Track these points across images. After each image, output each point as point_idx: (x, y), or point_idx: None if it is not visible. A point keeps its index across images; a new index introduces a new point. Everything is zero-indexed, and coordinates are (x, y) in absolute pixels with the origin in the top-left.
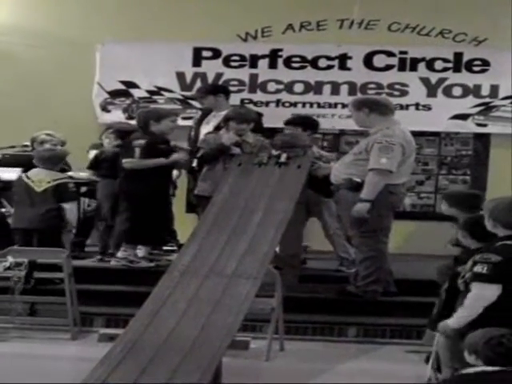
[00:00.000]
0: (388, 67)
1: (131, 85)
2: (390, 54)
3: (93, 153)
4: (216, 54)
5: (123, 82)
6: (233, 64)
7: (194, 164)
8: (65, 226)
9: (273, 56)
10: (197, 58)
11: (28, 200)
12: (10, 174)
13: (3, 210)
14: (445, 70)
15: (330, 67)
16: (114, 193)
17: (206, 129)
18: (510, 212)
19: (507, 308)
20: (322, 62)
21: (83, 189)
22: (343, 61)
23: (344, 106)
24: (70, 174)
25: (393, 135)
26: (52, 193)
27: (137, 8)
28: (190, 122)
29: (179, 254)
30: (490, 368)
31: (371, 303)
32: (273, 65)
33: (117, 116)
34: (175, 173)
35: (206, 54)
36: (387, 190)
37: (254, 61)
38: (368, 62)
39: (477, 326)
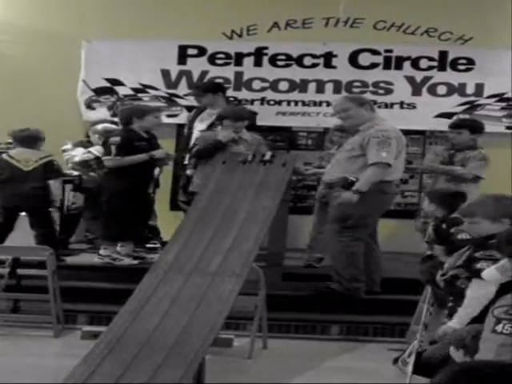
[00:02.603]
0: (373, 65)
1: (116, 82)
2: (375, 52)
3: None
4: (201, 51)
5: (108, 80)
6: (218, 62)
7: (186, 161)
8: (52, 202)
9: (258, 54)
10: (182, 56)
11: (15, 179)
12: None
13: None
14: (430, 68)
15: (315, 65)
16: None
17: (199, 127)
18: (495, 205)
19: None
20: (308, 60)
21: (69, 186)
22: (328, 59)
23: (329, 104)
24: None
25: (387, 129)
26: (40, 171)
27: (122, 5)
28: (174, 120)
29: (163, 252)
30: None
31: (354, 301)
32: (258, 63)
33: (102, 113)
34: (156, 170)
35: (191, 51)
36: (380, 189)
37: (239, 59)
38: (353, 60)
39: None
